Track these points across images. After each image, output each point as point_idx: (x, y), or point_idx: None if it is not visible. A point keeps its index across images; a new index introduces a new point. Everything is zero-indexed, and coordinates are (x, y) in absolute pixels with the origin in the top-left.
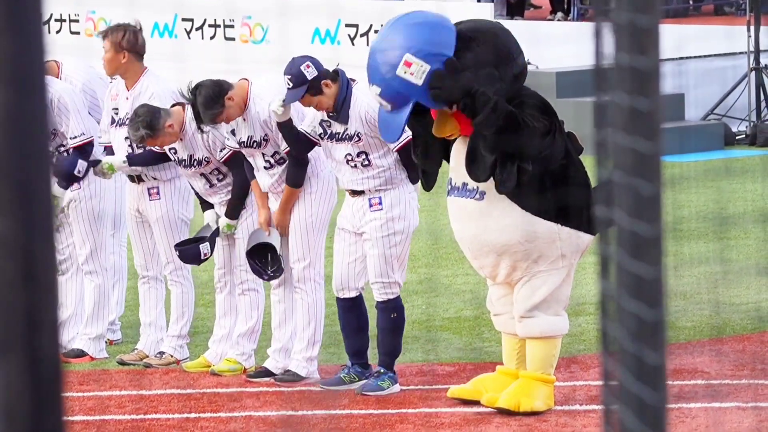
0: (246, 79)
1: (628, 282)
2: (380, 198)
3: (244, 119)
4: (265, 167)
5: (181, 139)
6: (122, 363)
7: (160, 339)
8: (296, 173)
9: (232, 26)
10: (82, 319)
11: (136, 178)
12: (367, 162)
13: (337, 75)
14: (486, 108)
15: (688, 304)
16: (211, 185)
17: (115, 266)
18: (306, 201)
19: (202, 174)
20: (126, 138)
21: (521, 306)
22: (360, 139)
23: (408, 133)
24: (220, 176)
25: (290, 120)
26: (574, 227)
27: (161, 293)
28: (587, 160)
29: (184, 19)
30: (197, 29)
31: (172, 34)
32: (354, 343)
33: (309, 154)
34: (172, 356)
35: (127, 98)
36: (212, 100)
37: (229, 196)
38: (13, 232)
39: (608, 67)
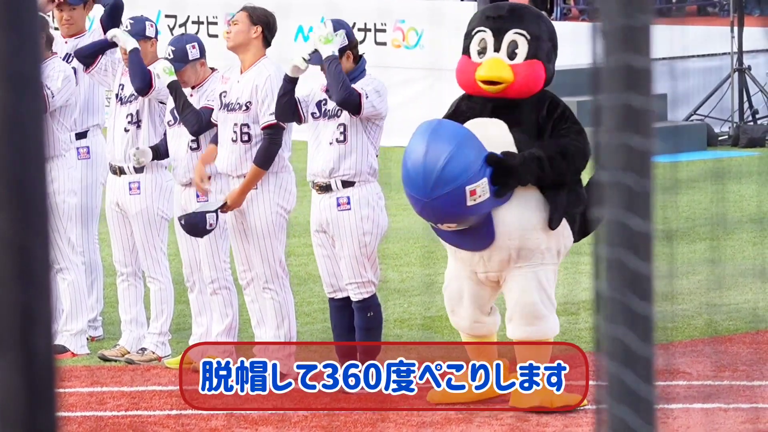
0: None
1: (621, 277)
2: (348, 197)
3: (238, 81)
4: (232, 139)
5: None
6: (104, 359)
7: (141, 335)
8: (267, 153)
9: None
10: (61, 316)
11: (118, 171)
12: (343, 138)
13: (359, 57)
14: (547, 174)
15: (682, 305)
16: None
17: (90, 262)
18: (263, 201)
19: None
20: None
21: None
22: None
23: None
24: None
25: (296, 81)
26: (570, 228)
27: (140, 290)
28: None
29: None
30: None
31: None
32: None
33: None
34: (153, 353)
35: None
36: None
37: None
38: (9, 229)
39: (602, 66)
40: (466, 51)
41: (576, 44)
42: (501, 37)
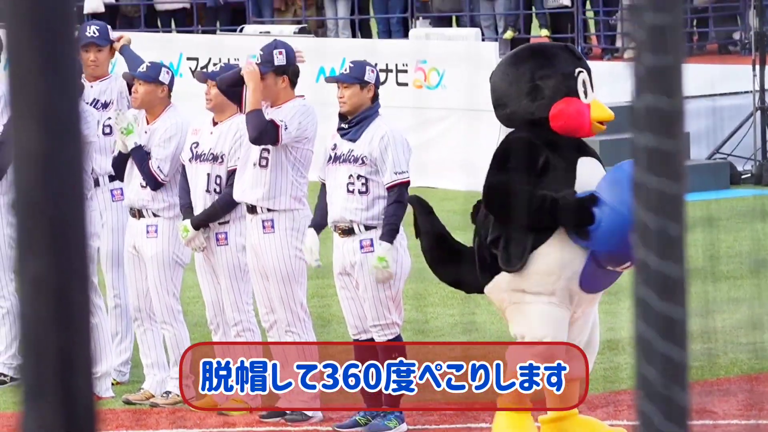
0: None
1: (657, 323)
2: (371, 240)
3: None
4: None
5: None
6: (128, 402)
7: (165, 378)
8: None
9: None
10: None
11: (137, 214)
12: (364, 189)
13: (377, 96)
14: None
15: (708, 344)
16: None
17: (124, 306)
18: (279, 245)
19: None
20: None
21: None
22: (365, 162)
23: (404, 174)
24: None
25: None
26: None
27: (158, 332)
28: None
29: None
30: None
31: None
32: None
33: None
34: (178, 396)
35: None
36: None
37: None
38: (48, 273)
39: (636, 107)
40: (572, 93)
41: (604, 84)
42: (591, 77)
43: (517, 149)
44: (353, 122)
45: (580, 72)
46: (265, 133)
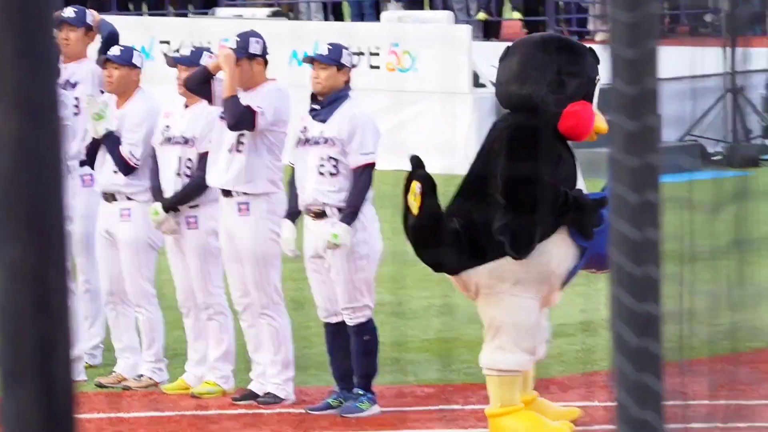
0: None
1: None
2: None
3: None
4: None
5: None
6: (101, 386)
7: (137, 362)
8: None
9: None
10: None
11: (110, 198)
12: (335, 171)
13: (349, 80)
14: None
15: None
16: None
17: (94, 290)
18: (254, 227)
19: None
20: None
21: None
22: (335, 144)
23: (370, 155)
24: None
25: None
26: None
27: (131, 316)
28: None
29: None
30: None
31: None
32: (341, 368)
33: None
34: (151, 379)
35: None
36: None
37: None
38: (26, 259)
39: (609, 88)
40: (589, 97)
41: None
42: None
43: (534, 138)
44: (325, 103)
45: (599, 80)
46: (242, 120)
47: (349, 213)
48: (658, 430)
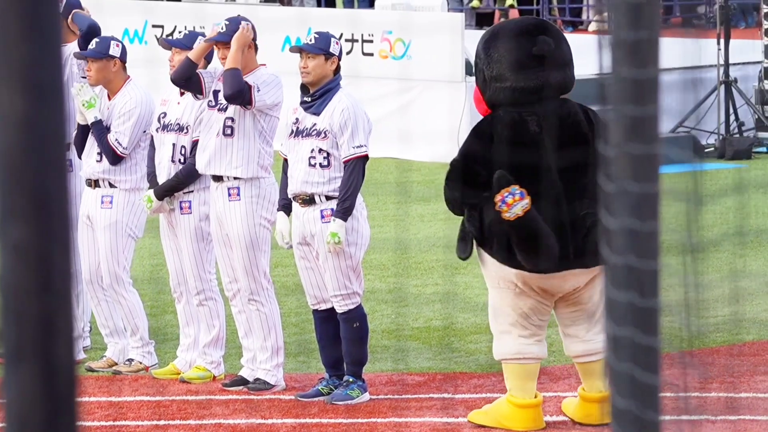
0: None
1: (624, 276)
2: (332, 209)
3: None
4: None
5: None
6: (91, 370)
7: (126, 346)
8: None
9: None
10: None
11: (93, 183)
12: (326, 163)
13: (339, 68)
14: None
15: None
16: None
17: (75, 274)
18: (245, 213)
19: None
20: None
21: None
22: (326, 136)
23: (362, 148)
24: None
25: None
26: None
27: (112, 302)
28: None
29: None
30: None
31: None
32: (331, 354)
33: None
34: (141, 363)
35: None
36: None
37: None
38: (30, 239)
39: (609, 78)
40: None
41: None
42: None
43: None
44: (316, 95)
45: None
46: (240, 92)
47: (343, 209)
48: (653, 423)
